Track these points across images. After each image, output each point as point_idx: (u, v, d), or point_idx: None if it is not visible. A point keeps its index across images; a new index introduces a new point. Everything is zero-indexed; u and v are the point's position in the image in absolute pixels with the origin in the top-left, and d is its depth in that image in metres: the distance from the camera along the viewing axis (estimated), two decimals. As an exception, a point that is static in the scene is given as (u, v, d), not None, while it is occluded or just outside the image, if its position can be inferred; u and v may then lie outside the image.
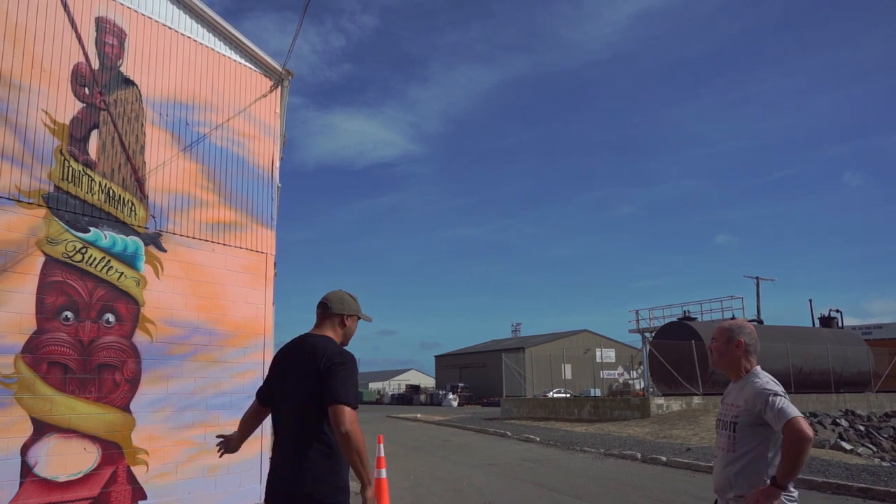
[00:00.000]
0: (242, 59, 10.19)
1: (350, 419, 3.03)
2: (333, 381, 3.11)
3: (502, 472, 12.48)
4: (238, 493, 9.14)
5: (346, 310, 3.51)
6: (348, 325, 3.53)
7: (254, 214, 10.05)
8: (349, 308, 3.53)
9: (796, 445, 2.81)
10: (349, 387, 3.13)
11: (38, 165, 7.43)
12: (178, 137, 9.06)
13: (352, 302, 3.57)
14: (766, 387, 3.03)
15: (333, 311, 3.48)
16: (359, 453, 3.02)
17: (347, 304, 3.53)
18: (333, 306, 3.49)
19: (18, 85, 7.34)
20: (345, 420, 3.01)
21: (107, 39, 8.31)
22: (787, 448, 2.85)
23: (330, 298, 3.52)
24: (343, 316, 3.50)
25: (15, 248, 7.13)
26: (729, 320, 3.45)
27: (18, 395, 6.99)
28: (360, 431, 3.05)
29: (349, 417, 3.03)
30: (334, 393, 3.08)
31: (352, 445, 3.01)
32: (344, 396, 3.07)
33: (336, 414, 3.03)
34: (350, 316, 3.53)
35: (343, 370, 3.16)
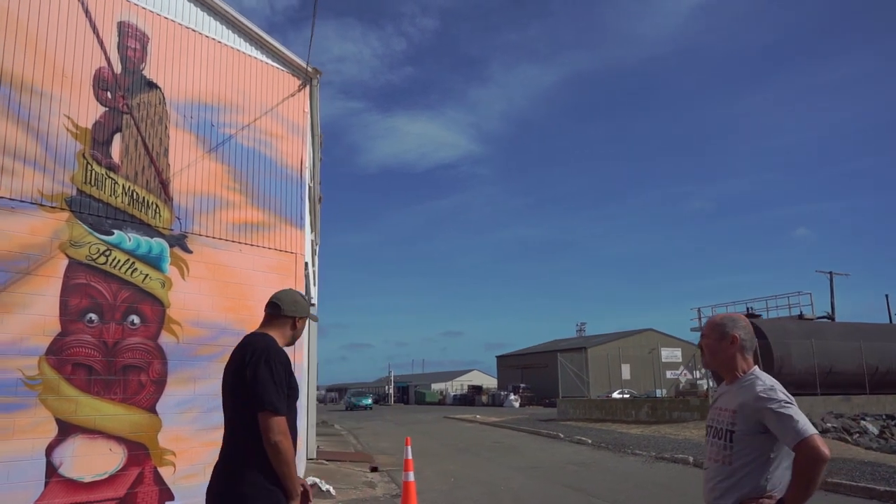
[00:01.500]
0: (268, 58, 10.16)
1: (277, 428, 2.86)
2: (255, 384, 2.92)
3: (544, 476, 12.10)
4: (268, 494, 9.08)
5: (298, 312, 3.36)
6: (299, 327, 3.37)
7: (282, 214, 10.00)
8: (301, 310, 3.38)
9: (814, 468, 2.40)
10: (271, 388, 2.91)
11: (61, 170, 7.52)
12: (204, 139, 9.08)
13: (304, 303, 3.42)
14: (771, 393, 2.61)
15: (286, 312, 3.31)
16: (286, 465, 2.86)
17: (300, 305, 3.38)
18: (286, 308, 3.32)
19: (40, 92, 7.45)
20: (271, 429, 2.85)
21: (129, 43, 8.37)
22: (802, 470, 2.43)
23: (282, 299, 3.34)
24: (295, 318, 3.34)
25: (38, 252, 7.23)
26: (721, 314, 3.00)
27: (43, 397, 7.07)
28: (288, 441, 2.90)
29: (275, 426, 2.86)
30: (258, 398, 2.89)
31: (280, 457, 2.86)
32: (269, 401, 2.88)
33: (262, 422, 2.87)
34: (301, 318, 3.38)
35: (263, 369, 2.94)
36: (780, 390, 2.63)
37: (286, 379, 3.04)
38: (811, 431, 2.45)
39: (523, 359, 78.63)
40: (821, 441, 2.43)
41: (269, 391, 2.90)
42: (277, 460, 2.85)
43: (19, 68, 7.31)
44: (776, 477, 2.60)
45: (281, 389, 2.96)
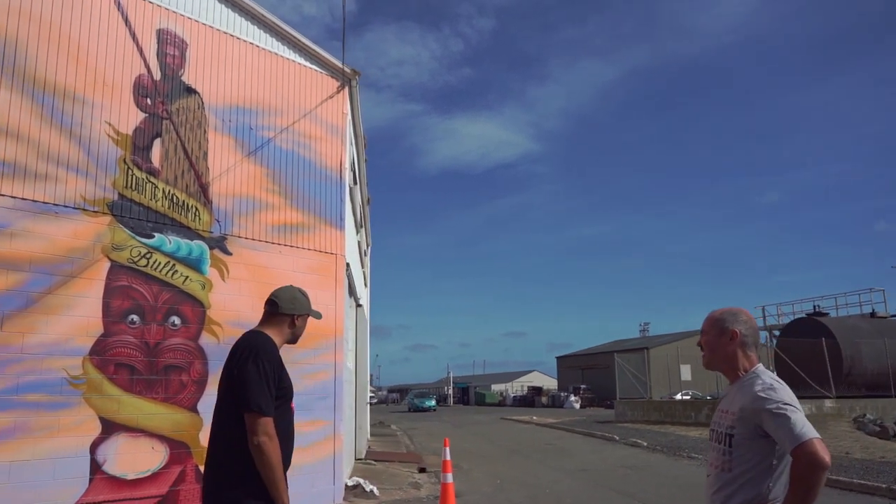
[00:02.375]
0: (307, 61, 10.23)
1: (261, 429, 2.77)
2: (241, 383, 2.85)
3: (592, 479, 11.81)
4: (311, 494, 9.13)
5: (297, 309, 3.24)
6: (298, 324, 3.26)
7: (322, 215, 10.05)
8: (300, 307, 3.25)
9: (812, 475, 2.18)
10: (257, 388, 2.82)
11: (103, 175, 7.73)
12: (242, 142, 9.20)
13: (303, 300, 3.29)
14: (770, 393, 2.39)
15: (283, 310, 3.20)
16: (270, 469, 2.76)
17: (299, 302, 3.25)
18: (284, 305, 3.21)
19: (82, 99, 7.67)
20: (256, 430, 2.76)
21: (168, 50, 8.55)
22: (800, 477, 2.22)
23: (280, 297, 3.23)
24: (294, 316, 3.23)
25: (81, 255, 7.44)
26: (721, 308, 2.77)
27: (87, 396, 7.27)
28: (272, 444, 2.78)
29: (260, 427, 2.76)
30: (243, 398, 2.82)
31: (263, 459, 2.76)
32: (254, 402, 2.79)
33: (248, 423, 2.79)
34: (301, 315, 3.26)
35: (250, 368, 2.86)
36: (781, 390, 2.41)
37: (276, 379, 2.95)
38: (810, 435, 2.23)
39: (584, 359, 77.51)
40: (821, 446, 2.21)
41: (254, 391, 2.82)
42: (261, 462, 2.76)
43: (62, 77, 7.54)
44: (780, 485, 2.38)
45: (268, 389, 2.87)
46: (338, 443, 9.66)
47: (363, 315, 16.01)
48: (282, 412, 3.04)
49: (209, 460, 2.97)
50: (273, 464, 2.77)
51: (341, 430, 9.77)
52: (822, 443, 2.23)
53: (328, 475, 9.45)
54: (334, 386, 9.75)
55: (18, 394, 6.79)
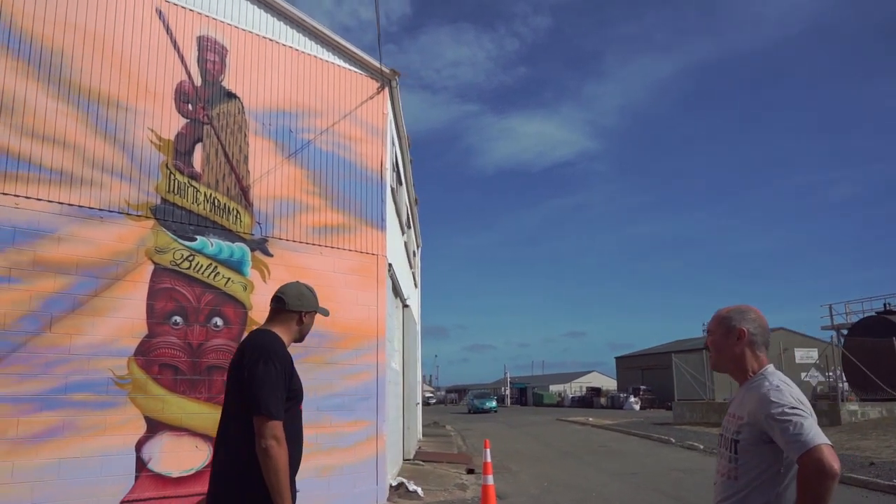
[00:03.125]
0: (346, 63, 10.28)
1: (270, 433, 2.68)
2: (251, 385, 2.77)
3: (642, 483, 11.50)
4: (353, 494, 9.17)
5: (304, 306, 3.16)
6: (306, 321, 3.19)
7: (363, 216, 10.08)
8: (308, 304, 3.18)
9: (819, 484, 2.01)
10: (268, 391, 2.74)
11: (146, 180, 7.92)
12: (282, 145, 9.30)
13: (311, 296, 3.22)
14: (776, 395, 2.22)
15: (290, 307, 3.13)
16: (275, 474, 2.67)
17: (307, 299, 3.18)
18: (291, 302, 3.13)
19: (126, 107, 7.88)
20: (264, 434, 2.68)
21: (208, 57, 8.72)
22: (807, 486, 2.05)
23: (287, 293, 3.16)
24: (301, 313, 3.16)
25: (126, 258, 7.64)
26: (729, 306, 2.59)
27: (132, 395, 7.46)
28: (280, 448, 2.69)
29: (268, 431, 2.68)
30: (253, 400, 2.74)
31: (270, 464, 2.66)
32: (264, 404, 2.71)
33: (256, 426, 2.71)
34: (308, 312, 3.19)
35: (260, 370, 2.78)
36: (788, 392, 2.23)
37: (286, 381, 2.88)
38: (818, 441, 2.06)
39: (644, 360, 75.97)
40: (830, 453, 2.03)
41: (264, 393, 2.74)
42: (266, 467, 2.68)
43: (106, 86, 7.76)
44: (789, 495, 2.22)
45: (278, 392, 2.80)
46: (380, 443, 9.66)
47: (411, 315, 16.03)
48: (291, 415, 2.94)
49: (215, 464, 2.91)
50: (279, 469, 2.69)
51: (384, 430, 9.77)
52: (832, 449, 2.06)
53: (371, 475, 9.47)
54: (376, 386, 9.76)
55: (66, 393, 7.01)
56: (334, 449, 9.10)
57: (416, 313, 21.49)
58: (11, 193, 6.94)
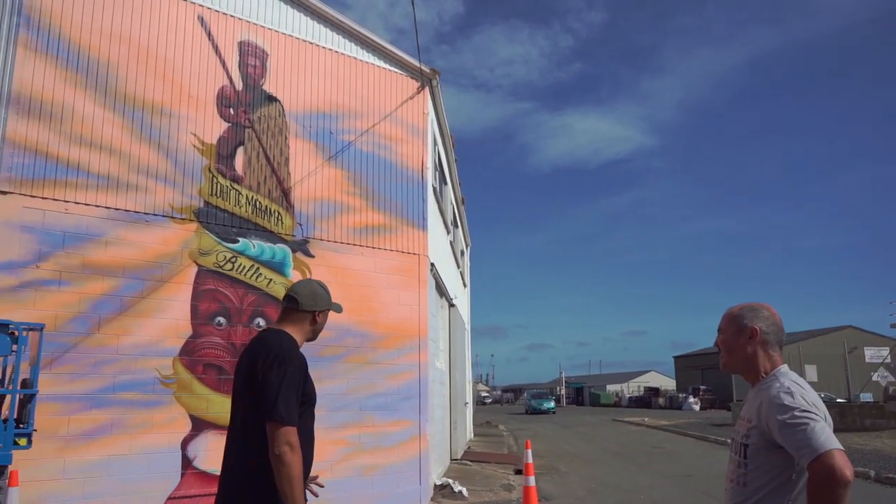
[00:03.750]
0: (386, 63, 10.31)
1: (283, 439, 2.59)
2: (265, 390, 2.67)
3: (693, 485, 11.18)
4: (396, 494, 9.18)
5: (318, 305, 3.03)
6: (320, 321, 3.06)
7: (404, 216, 10.09)
8: (322, 303, 3.05)
9: (830, 491, 1.87)
10: (282, 396, 2.65)
11: (189, 183, 8.10)
12: (323, 146, 9.38)
13: (325, 295, 3.08)
14: (786, 398, 2.07)
15: (304, 307, 3.01)
16: (289, 481, 2.57)
17: (321, 298, 3.05)
18: (304, 302, 3.01)
19: (169, 113, 8.07)
20: (277, 441, 2.59)
21: (249, 61, 8.85)
22: (817, 494, 1.91)
23: (299, 293, 3.03)
24: (315, 313, 3.03)
25: (170, 261, 7.83)
26: (740, 304, 2.45)
27: (177, 395, 7.64)
28: (294, 455, 2.60)
29: (282, 437, 2.59)
30: (266, 405, 2.65)
31: (283, 471, 2.57)
32: (278, 410, 2.62)
33: (269, 432, 2.63)
34: (322, 312, 3.06)
35: (273, 374, 2.69)
36: (800, 394, 2.09)
37: (301, 384, 2.79)
38: (829, 446, 1.91)
39: (704, 359, 74.12)
40: (842, 459, 1.89)
41: (279, 399, 2.65)
42: (279, 474, 2.59)
43: (150, 93, 7.96)
44: (800, 503, 2.08)
45: (293, 397, 2.71)
46: (423, 443, 9.66)
47: (457, 315, 16.00)
48: (303, 418, 2.90)
49: (224, 470, 2.84)
50: (293, 476, 2.60)
51: (427, 430, 9.76)
52: (844, 454, 1.92)
53: (414, 475, 9.47)
54: (419, 386, 9.76)
55: (115, 392, 7.22)
56: (377, 448, 9.14)
57: (465, 313, 21.45)
58: (61, 199, 7.19)
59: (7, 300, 6.73)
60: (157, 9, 8.17)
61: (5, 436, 5.17)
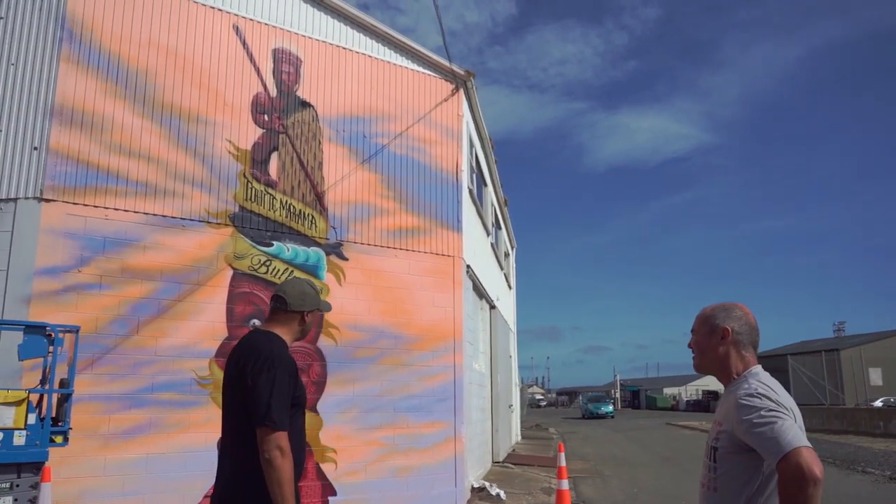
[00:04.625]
0: (420, 66, 10.35)
1: (274, 444, 2.59)
2: (255, 394, 2.67)
3: (739, 492, 10.85)
4: (430, 495, 9.20)
5: (306, 305, 3.01)
6: (308, 321, 3.05)
7: (438, 218, 10.10)
8: (310, 303, 3.03)
9: (799, 491, 1.78)
10: (273, 400, 2.65)
11: (224, 189, 8.29)
12: (356, 150, 9.48)
13: (313, 294, 3.06)
14: (753, 400, 2.00)
15: (292, 308, 2.99)
16: (279, 486, 2.58)
17: (309, 298, 3.03)
18: (293, 303, 2.99)
19: (205, 120, 8.29)
20: (266, 445, 2.59)
21: (283, 68, 9.02)
22: (787, 494, 1.83)
23: (287, 293, 3.02)
24: (304, 313, 3.02)
25: (206, 265, 8.03)
26: (713, 305, 2.38)
27: (214, 395, 7.81)
28: (284, 460, 2.61)
29: (272, 441, 2.59)
30: (257, 410, 2.65)
31: (272, 476, 2.58)
32: (268, 415, 2.62)
33: (259, 437, 2.63)
34: (311, 311, 3.04)
35: (265, 378, 2.69)
36: (768, 395, 2.00)
37: (291, 388, 2.78)
38: (796, 444, 1.82)
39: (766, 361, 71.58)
40: (810, 457, 1.80)
41: (269, 404, 2.65)
42: (270, 478, 2.60)
43: (187, 101, 8.19)
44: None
45: (283, 400, 2.71)
46: (459, 445, 9.64)
47: (500, 317, 15.93)
48: (294, 419, 2.90)
49: (219, 473, 2.85)
50: (283, 480, 2.60)
51: (462, 432, 9.74)
52: (812, 452, 1.83)
53: (449, 477, 9.46)
54: (454, 388, 9.75)
55: (153, 392, 7.45)
56: (411, 450, 9.17)
57: (510, 315, 21.34)
58: (102, 206, 7.46)
59: (51, 303, 7.02)
60: (193, 19, 8.40)
61: (42, 433, 5.39)
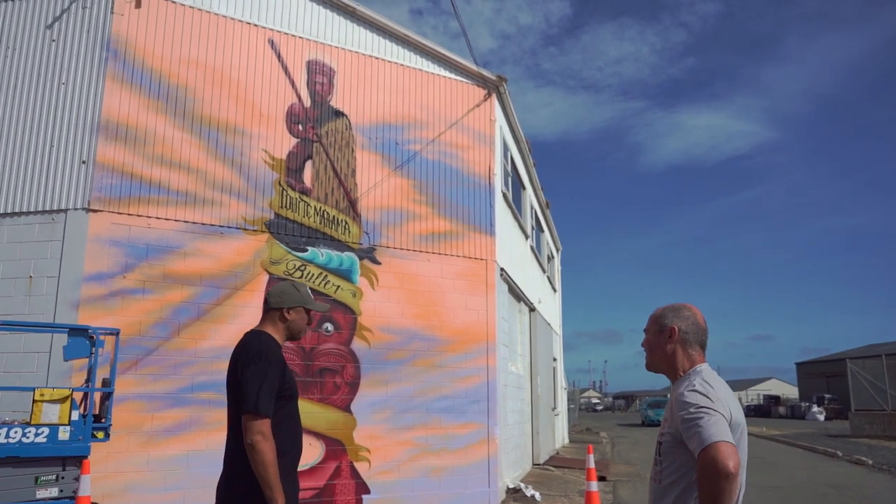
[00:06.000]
0: (452, 73, 10.52)
1: (255, 429, 2.83)
2: (241, 386, 2.94)
3: (778, 497, 10.63)
4: (464, 495, 9.34)
5: (284, 303, 3.23)
6: (290, 318, 3.24)
7: (471, 222, 10.25)
8: (289, 300, 3.24)
9: (711, 484, 1.90)
10: (255, 390, 2.90)
11: (260, 197, 8.63)
12: (389, 157, 9.71)
13: (293, 293, 3.27)
14: (690, 396, 2.10)
15: (272, 305, 3.24)
16: (263, 467, 2.80)
17: (287, 295, 3.25)
18: (272, 300, 3.25)
19: (242, 131, 8.64)
20: (249, 430, 2.83)
21: (317, 79, 9.32)
22: (701, 487, 1.95)
23: (271, 292, 3.29)
24: (282, 310, 3.23)
25: (243, 270, 8.37)
26: (664, 305, 2.48)
27: (251, 395, 8.13)
28: (265, 443, 2.83)
29: (254, 427, 2.83)
30: (241, 399, 2.92)
31: (255, 459, 2.81)
32: (250, 403, 2.87)
33: (243, 423, 2.88)
34: (292, 308, 3.24)
35: (250, 370, 2.94)
36: (704, 392, 2.11)
37: (278, 379, 3.01)
38: (715, 439, 1.92)
39: (829, 366, 69.37)
40: (726, 451, 1.89)
41: (251, 392, 2.90)
42: (254, 462, 2.83)
43: (224, 113, 8.56)
44: None
45: (266, 389, 2.94)
46: (492, 446, 9.76)
47: (540, 320, 15.95)
48: (288, 411, 3.11)
49: (224, 458, 3.12)
50: (266, 462, 2.82)
51: (496, 433, 9.85)
52: (730, 447, 1.92)
53: (482, 478, 9.58)
54: (487, 390, 9.87)
55: (193, 392, 7.81)
56: (444, 450, 9.33)
57: (555, 318, 21.30)
58: (144, 215, 7.87)
59: (98, 308, 7.45)
60: (230, 35, 8.77)
61: (84, 429, 5.75)
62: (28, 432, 5.47)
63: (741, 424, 2.14)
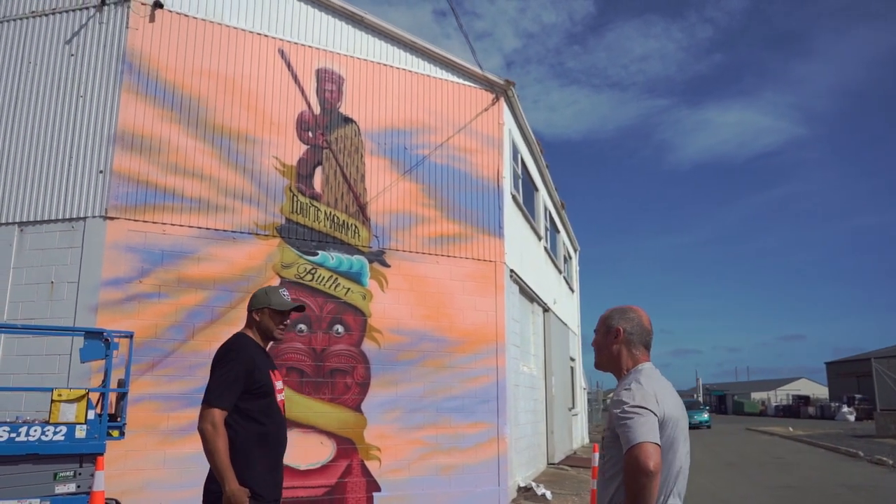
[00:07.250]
0: (459, 78, 10.69)
1: (207, 418, 3.11)
2: (209, 380, 3.26)
3: (792, 497, 10.61)
4: (474, 493, 9.49)
5: (252, 305, 3.52)
6: (258, 319, 3.49)
7: (480, 225, 10.40)
8: (255, 302, 3.51)
9: (633, 481, 2.05)
10: (215, 384, 3.19)
11: (272, 203, 8.87)
12: (398, 162, 9.90)
13: (261, 296, 3.52)
14: (624, 395, 2.25)
15: (248, 308, 3.55)
16: (211, 453, 3.08)
17: (255, 299, 3.52)
18: (248, 305, 3.55)
19: (253, 139, 8.90)
20: (201, 419, 3.13)
21: (326, 87, 9.55)
22: (626, 483, 2.11)
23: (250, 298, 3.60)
24: (251, 312, 3.51)
25: (255, 274, 8.61)
26: (613, 307, 2.62)
27: (263, 395, 8.37)
28: (216, 433, 3.08)
29: (206, 416, 3.12)
30: (205, 392, 3.22)
31: (205, 447, 3.11)
32: (208, 394, 3.18)
33: (200, 412, 3.17)
34: (259, 310, 3.49)
35: (218, 368, 3.26)
36: (638, 391, 2.25)
37: (244, 376, 3.25)
38: (641, 439, 2.07)
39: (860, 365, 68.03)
40: (650, 451, 2.04)
41: (213, 386, 3.20)
42: (205, 449, 3.13)
43: (236, 122, 8.83)
44: None
45: (227, 384, 3.20)
46: (502, 445, 9.89)
47: (555, 320, 16.03)
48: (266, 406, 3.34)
49: None
50: (213, 449, 3.09)
51: (506, 433, 9.99)
52: (653, 447, 2.07)
53: (492, 476, 9.72)
54: (497, 389, 10.01)
55: (207, 392, 8.05)
56: (454, 449, 9.49)
57: (573, 318, 21.35)
58: (160, 222, 8.15)
59: (115, 311, 7.74)
60: (241, 46, 9.03)
61: (100, 428, 6.02)
62: (47, 431, 5.75)
63: (674, 418, 2.28)
